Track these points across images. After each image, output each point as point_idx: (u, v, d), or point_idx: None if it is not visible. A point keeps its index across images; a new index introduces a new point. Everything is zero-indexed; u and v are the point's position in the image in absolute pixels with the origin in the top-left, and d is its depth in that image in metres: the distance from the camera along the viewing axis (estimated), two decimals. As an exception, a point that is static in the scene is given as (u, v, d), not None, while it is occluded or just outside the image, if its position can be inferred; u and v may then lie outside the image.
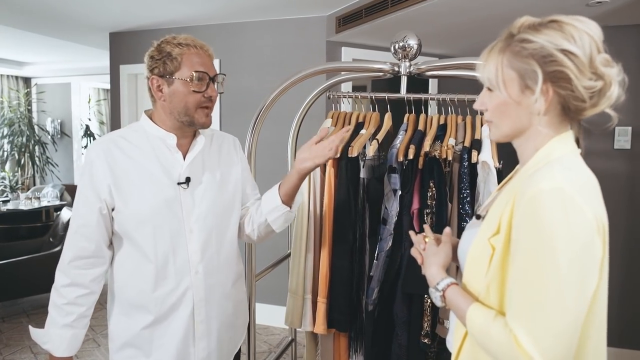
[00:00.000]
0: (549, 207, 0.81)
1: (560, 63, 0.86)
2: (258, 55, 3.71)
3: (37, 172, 6.73)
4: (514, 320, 0.84)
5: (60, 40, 4.54)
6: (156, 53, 1.30)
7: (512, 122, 0.95)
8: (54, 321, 1.33)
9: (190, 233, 1.35)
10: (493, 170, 1.60)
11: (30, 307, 4.10)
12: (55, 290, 1.33)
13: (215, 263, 1.40)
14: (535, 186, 0.84)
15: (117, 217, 1.32)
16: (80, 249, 1.32)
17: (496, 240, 0.91)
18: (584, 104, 0.89)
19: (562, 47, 0.86)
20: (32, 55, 5.62)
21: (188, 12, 3.51)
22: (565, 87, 0.87)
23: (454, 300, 0.98)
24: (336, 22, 3.40)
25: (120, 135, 1.37)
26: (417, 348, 1.69)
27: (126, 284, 1.36)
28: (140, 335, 1.35)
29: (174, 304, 1.34)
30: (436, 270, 1.05)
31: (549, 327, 0.81)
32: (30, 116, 6.81)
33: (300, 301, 1.87)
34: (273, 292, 3.29)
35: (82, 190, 1.33)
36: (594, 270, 0.84)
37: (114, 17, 3.71)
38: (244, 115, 3.62)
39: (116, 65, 4.22)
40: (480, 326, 0.90)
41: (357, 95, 2.01)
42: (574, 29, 0.87)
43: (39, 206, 5.36)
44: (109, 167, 1.30)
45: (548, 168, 0.87)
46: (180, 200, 1.34)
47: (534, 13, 0.98)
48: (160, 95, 1.32)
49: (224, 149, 1.50)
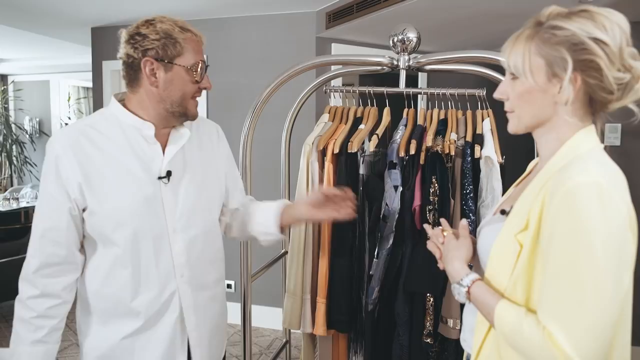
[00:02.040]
0: (587, 202, 0.79)
1: (591, 51, 0.84)
2: (246, 52, 3.64)
3: (15, 172, 6.54)
4: (548, 317, 0.82)
5: (39, 35, 4.39)
6: (151, 32, 1.15)
7: (535, 111, 0.93)
8: (22, 338, 1.18)
9: (174, 233, 1.22)
10: (496, 165, 1.57)
11: (9, 311, 3.96)
12: (20, 303, 1.19)
13: (201, 264, 1.28)
14: (570, 180, 0.81)
15: (90, 219, 1.17)
16: (48, 255, 1.17)
17: (524, 236, 0.89)
18: (611, 95, 0.87)
19: (594, 35, 0.84)
20: (9, 52, 5.44)
21: (174, 7, 3.42)
22: (594, 77, 0.85)
23: (480, 296, 0.95)
24: (326, 17, 3.35)
25: (88, 125, 1.20)
26: (418, 348, 1.65)
27: (102, 291, 1.22)
28: (119, 346, 1.22)
29: (158, 311, 1.22)
30: (459, 265, 1.02)
31: (586, 324, 0.79)
32: (7, 114, 6.61)
33: (299, 302, 1.82)
34: (262, 292, 3.23)
35: (47, 189, 1.17)
36: (628, 266, 0.82)
37: (95, 11, 3.60)
38: (231, 112, 3.55)
39: (99, 61, 4.11)
40: (512, 323, 0.87)
41: (355, 90, 1.97)
42: (605, 19, 0.85)
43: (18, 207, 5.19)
44: (78, 162, 1.15)
45: (581, 162, 0.85)
46: (161, 197, 1.20)
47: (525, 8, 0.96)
48: (153, 81, 1.17)
49: (205, 137, 1.35)
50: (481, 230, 1.10)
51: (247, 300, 1.81)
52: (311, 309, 1.83)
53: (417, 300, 1.66)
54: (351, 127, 1.85)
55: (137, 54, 1.16)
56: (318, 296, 1.81)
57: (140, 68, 1.17)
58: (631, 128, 3.08)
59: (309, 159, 1.82)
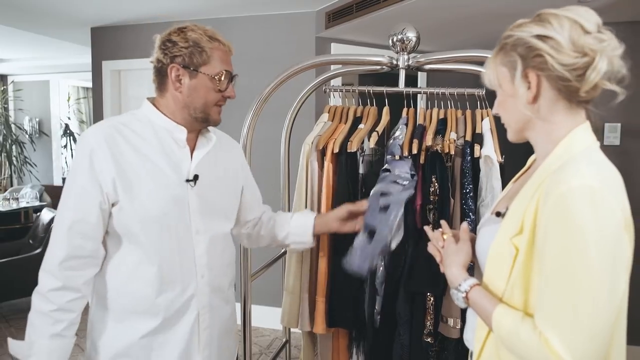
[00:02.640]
0: (579, 206, 0.79)
1: (534, 47, 0.89)
2: (245, 52, 3.64)
3: (15, 172, 6.55)
4: (544, 321, 0.82)
5: (39, 35, 4.39)
6: (181, 40, 1.20)
7: (514, 116, 0.97)
8: (40, 331, 1.17)
9: (197, 234, 1.27)
10: (496, 165, 1.57)
11: (10, 311, 3.95)
12: (40, 295, 1.18)
13: (219, 267, 1.33)
14: (563, 184, 0.82)
15: (119, 215, 1.19)
16: (76, 247, 1.17)
17: (519, 240, 0.89)
18: (570, 82, 0.88)
19: (536, 33, 0.89)
20: (9, 52, 5.45)
21: (173, 6, 3.42)
22: (547, 69, 0.89)
23: (478, 301, 0.96)
24: (326, 17, 3.36)
25: (121, 123, 1.24)
26: (419, 347, 1.65)
27: (123, 289, 1.23)
28: (137, 344, 1.23)
29: (179, 310, 1.24)
30: (457, 270, 1.03)
31: (582, 329, 0.79)
32: (6, 115, 6.61)
33: (297, 300, 1.82)
34: (262, 292, 3.23)
35: (78, 181, 1.17)
36: (624, 268, 0.82)
37: (95, 11, 3.59)
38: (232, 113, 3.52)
39: (98, 61, 4.10)
40: (509, 328, 0.87)
41: (354, 89, 1.97)
42: (552, 16, 0.90)
43: (18, 207, 5.21)
44: (112, 157, 1.17)
45: (574, 164, 0.86)
46: (187, 199, 1.25)
47: (526, 8, 1.00)
48: (178, 87, 1.22)
49: (227, 150, 1.43)
50: (479, 230, 1.11)
51: (247, 300, 1.82)
52: (309, 307, 1.83)
53: (417, 299, 1.66)
54: (351, 127, 1.84)
55: (165, 60, 1.21)
56: (317, 295, 1.81)
57: (167, 73, 1.22)
58: (631, 127, 3.09)
59: (309, 158, 1.82)
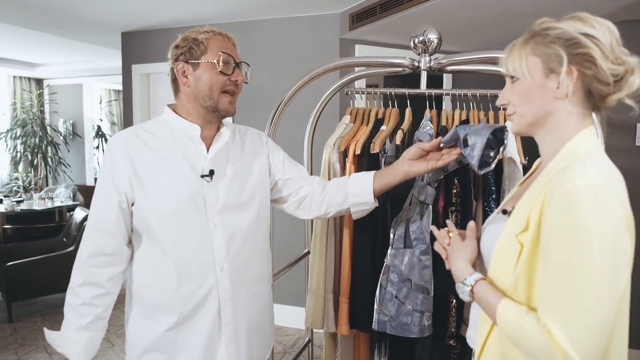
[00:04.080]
0: (583, 203, 0.82)
1: (584, 45, 0.89)
2: (271, 54, 3.69)
3: (50, 172, 6.77)
4: (547, 315, 0.84)
5: (72, 40, 4.55)
6: (181, 42, 1.31)
7: (536, 108, 0.96)
8: (69, 323, 1.27)
9: (215, 228, 1.29)
10: (519, 167, 1.56)
11: (45, 307, 4.11)
12: (70, 290, 1.28)
13: (241, 260, 1.34)
14: (569, 182, 0.84)
15: (137, 212, 1.27)
16: (98, 244, 1.26)
17: (524, 237, 0.91)
18: (608, 87, 0.90)
19: (585, 31, 0.90)
20: (44, 56, 5.65)
21: (200, 11, 3.49)
22: (590, 68, 0.90)
23: (483, 295, 0.98)
24: (350, 19, 3.37)
25: (141, 128, 1.34)
26: (441, 350, 1.65)
27: (147, 284, 1.30)
28: (164, 338, 1.28)
29: (199, 303, 1.28)
30: (463, 265, 1.05)
31: (584, 322, 0.81)
32: (42, 117, 6.86)
33: (322, 301, 1.82)
34: (286, 292, 3.27)
35: (102, 183, 1.28)
36: (625, 265, 0.84)
37: (125, 16, 3.70)
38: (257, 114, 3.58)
39: (128, 65, 4.22)
40: (513, 321, 0.90)
41: (376, 91, 1.97)
42: (594, 21, 0.91)
43: (52, 206, 5.38)
44: (129, 158, 1.26)
45: (579, 163, 0.88)
46: (203, 194, 1.29)
47: (551, 7, 1.01)
48: (185, 81, 1.30)
49: (247, 141, 1.45)
50: (485, 228, 1.13)
51: (269, 299, 1.84)
52: (334, 308, 1.84)
53: (440, 302, 1.66)
54: (372, 129, 1.85)
55: (172, 63, 1.32)
56: (340, 296, 1.82)
57: (175, 75, 1.32)
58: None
59: (330, 160, 1.84)
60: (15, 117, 6.58)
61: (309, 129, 2.21)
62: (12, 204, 5.24)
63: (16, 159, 6.53)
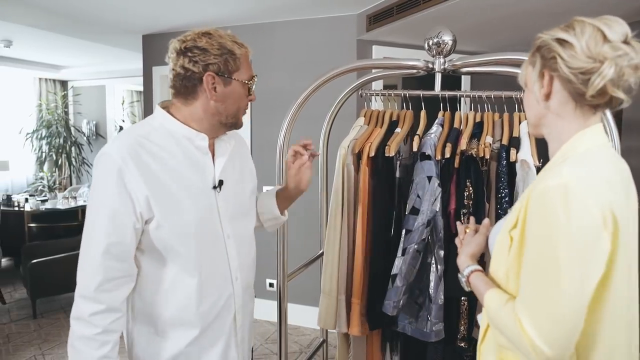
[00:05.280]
0: (551, 203, 0.87)
1: (551, 48, 0.95)
2: (288, 55, 3.71)
3: (74, 172, 6.91)
4: (520, 305, 0.92)
5: (95, 43, 4.65)
6: (213, 48, 1.16)
7: (533, 112, 1.04)
8: (87, 355, 1.12)
9: (228, 238, 1.28)
10: (533, 169, 1.54)
11: (67, 304, 4.21)
12: (81, 321, 1.13)
13: (247, 265, 1.36)
14: (542, 182, 0.91)
15: (157, 232, 1.16)
16: (111, 269, 1.14)
17: (515, 232, 0.98)
18: (575, 85, 0.93)
19: (557, 36, 0.95)
20: (69, 59, 5.78)
21: (219, 13, 3.53)
22: (556, 69, 0.95)
23: (476, 285, 1.09)
24: (367, 20, 3.37)
25: (141, 136, 1.19)
26: (453, 352, 1.65)
27: (164, 302, 1.21)
28: (184, 353, 1.24)
29: (219, 314, 1.27)
30: (464, 258, 1.16)
31: (548, 313, 0.87)
32: (67, 118, 7.01)
33: (334, 302, 1.84)
34: (304, 292, 3.29)
35: (107, 203, 1.13)
36: (597, 264, 0.88)
37: (146, 20, 3.77)
38: (274, 116, 3.62)
39: (149, 67, 4.31)
40: (495, 309, 0.98)
41: (390, 93, 1.98)
42: (577, 23, 0.94)
43: (75, 205, 5.50)
44: (141, 174, 1.13)
45: (561, 164, 0.93)
46: (217, 205, 1.25)
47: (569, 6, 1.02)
48: (213, 95, 1.19)
49: (238, 147, 1.41)
50: (495, 225, 1.20)
51: (283, 299, 1.86)
52: (346, 309, 1.85)
53: (452, 304, 1.66)
54: (387, 131, 1.86)
55: (197, 68, 1.16)
56: (353, 297, 1.83)
57: (198, 82, 1.18)
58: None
59: (345, 162, 1.85)
60: (40, 118, 6.74)
61: (324, 129, 2.23)
62: (37, 203, 5.37)
63: (41, 159, 6.68)
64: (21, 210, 5.17)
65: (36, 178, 6.78)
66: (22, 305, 4.17)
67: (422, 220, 1.63)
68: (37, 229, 5.14)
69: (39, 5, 3.37)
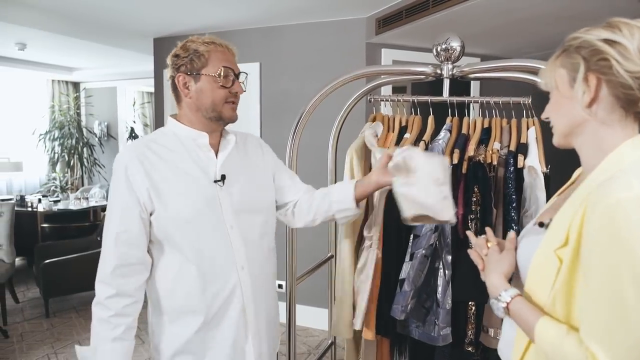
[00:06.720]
0: (627, 217, 0.77)
1: (600, 50, 0.88)
2: (298, 58, 3.73)
3: (85, 173, 6.98)
4: (589, 337, 0.81)
5: (108, 46, 4.71)
6: (182, 51, 1.32)
7: (566, 119, 0.96)
8: (103, 337, 1.27)
9: (232, 229, 1.34)
10: (540, 175, 1.55)
11: (79, 303, 4.28)
12: (99, 304, 1.28)
13: (258, 258, 1.40)
14: (611, 195, 0.80)
15: (157, 222, 1.29)
16: (123, 255, 1.27)
17: (563, 252, 0.88)
18: (632, 91, 0.86)
19: (604, 37, 0.88)
20: (81, 61, 5.85)
21: (228, 17, 3.56)
22: (607, 73, 0.88)
23: (520, 313, 0.95)
24: (376, 23, 3.39)
25: (150, 140, 1.36)
26: (460, 356, 1.66)
27: (170, 291, 1.33)
28: (192, 341, 1.32)
29: (224, 302, 1.33)
30: (499, 279, 1.02)
31: (629, 344, 0.77)
32: (79, 119, 7.08)
33: (348, 309, 1.84)
34: (313, 293, 3.31)
35: (118, 197, 1.29)
36: None
37: (157, 23, 3.82)
38: (284, 119, 3.64)
39: (160, 69, 4.35)
40: (552, 341, 0.87)
41: (399, 99, 1.99)
42: (623, 24, 0.88)
43: (87, 206, 5.55)
44: (144, 170, 1.28)
45: (624, 176, 0.83)
46: (218, 198, 1.33)
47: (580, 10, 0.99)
48: (187, 93, 1.32)
49: (250, 147, 1.51)
50: (520, 240, 1.09)
51: (292, 300, 1.88)
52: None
53: (459, 309, 1.67)
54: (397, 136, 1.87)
55: (174, 73, 1.34)
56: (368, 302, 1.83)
57: (177, 85, 1.34)
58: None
59: (352, 166, 1.86)
60: (53, 120, 6.82)
61: (333, 133, 2.24)
62: (50, 203, 5.44)
63: (54, 160, 6.75)
64: (34, 210, 5.24)
65: (49, 179, 6.86)
66: (35, 305, 4.24)
67: (430, 226, 1.64)
68: (49, 229, 5.20)
69: (53, 10, 3.43)
